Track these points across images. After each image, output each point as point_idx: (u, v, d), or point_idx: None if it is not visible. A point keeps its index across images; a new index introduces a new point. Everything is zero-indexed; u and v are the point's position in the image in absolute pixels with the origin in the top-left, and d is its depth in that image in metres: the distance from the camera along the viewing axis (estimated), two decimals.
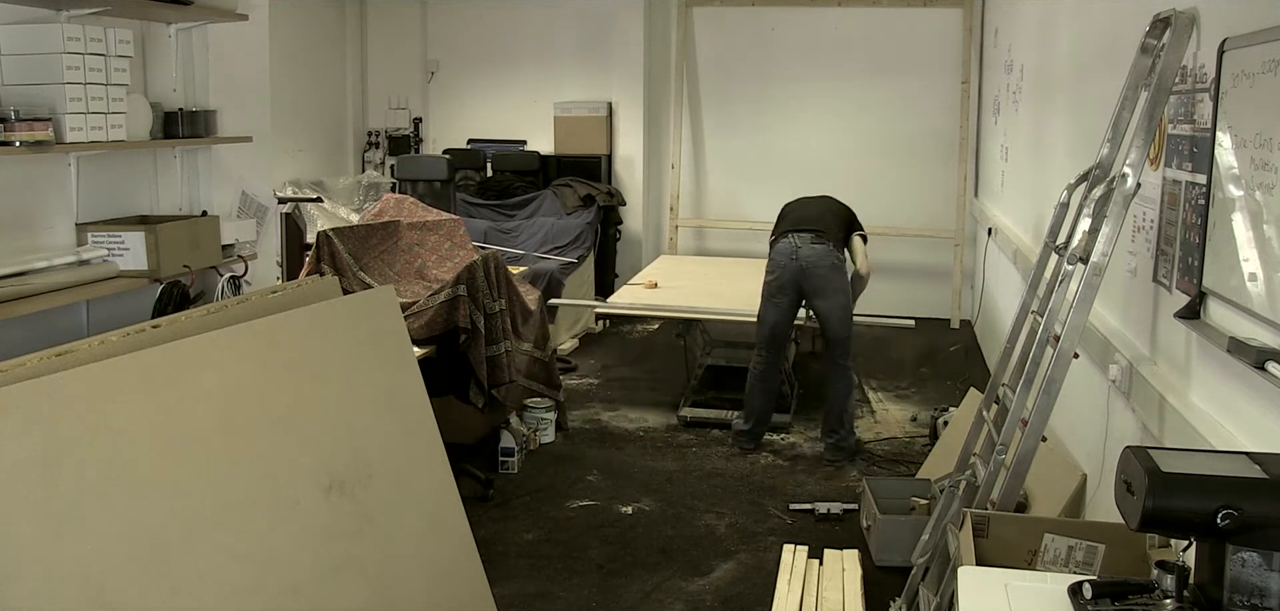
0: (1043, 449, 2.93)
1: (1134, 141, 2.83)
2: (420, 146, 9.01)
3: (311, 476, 2.60)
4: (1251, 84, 2.29)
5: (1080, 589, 1.81)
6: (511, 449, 4.87)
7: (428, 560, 2.88)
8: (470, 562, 3.01)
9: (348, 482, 2.67)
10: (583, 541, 4.18)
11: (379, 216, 5.07)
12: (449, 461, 3.08)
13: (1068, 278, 2.92)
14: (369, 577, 2.67)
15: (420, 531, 2.87)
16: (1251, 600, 1.62)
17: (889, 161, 8.37)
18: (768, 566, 3.93)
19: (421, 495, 2.92)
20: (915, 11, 8.24)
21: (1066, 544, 2.50)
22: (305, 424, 2.64)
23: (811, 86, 8.50)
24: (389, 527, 2.76)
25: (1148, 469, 1.65)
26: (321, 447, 2.65)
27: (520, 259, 6.90)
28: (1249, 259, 2.29)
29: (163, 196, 4.90)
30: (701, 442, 5.36)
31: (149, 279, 4.38)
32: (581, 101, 8.49)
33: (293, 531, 2.52)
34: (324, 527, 2.60)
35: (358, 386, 2.82)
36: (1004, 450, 2.90)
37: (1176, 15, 2.78)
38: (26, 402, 2.09)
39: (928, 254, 8.37)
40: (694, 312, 5.91)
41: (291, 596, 2.47)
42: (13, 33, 4.03)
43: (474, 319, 4.31)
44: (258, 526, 2.46)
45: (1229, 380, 2.40)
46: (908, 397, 6.24)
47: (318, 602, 2.53)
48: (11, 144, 3.83)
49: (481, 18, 8.77)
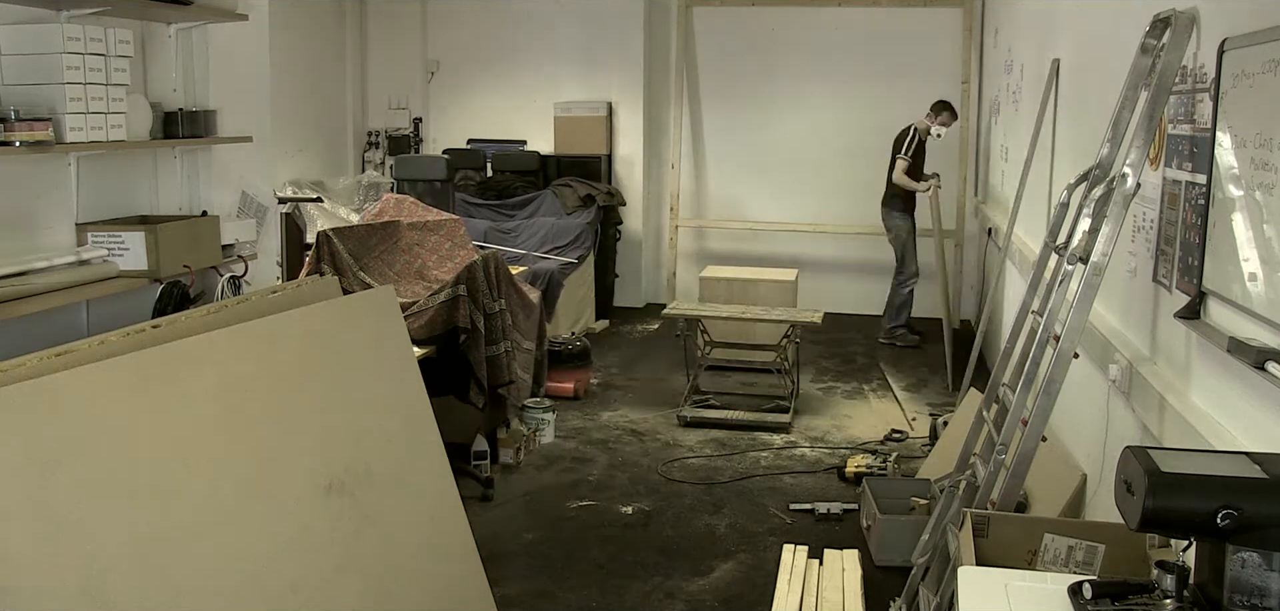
0: (1043, 449, 2.93)
1: (1134, 141, 2.83)
2: (420, 146, 9.01)
3: (311, 476, 2.60)
4: (1251, 84, 2.29)
5: (1080, 589, 1.81)
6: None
7: (427, 560, 2.87)
8: (470, 562, 3.01)
9: (347, 483, 2.67)
10: (583, 541, 4.18)
11: (379, 216, 5.07)
12: (449, 461, 3.08)
13: (1068, 277, 2.92)
14: (369, 577, 2.67)
15: (420, 531, 2.87)
16: (1251, 600, 1.62)
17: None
18: (768, 566, 3.93)
19: (421, 495, 2.92)
20: (915, 11, 8.24)
21: (1066, 544, 2.50)
22: (305, 424, 2.64)
23: (811, 86, 8.50)
24: (389, 527, 2.76)
25: (1147, 469, 1.65)
26: (321, 448, 2.65)
27: (520, 259, 6.90)
28: (1249, 259, 2.29)
29: (163, 196, 4.91)
30: (702, 442, 5.36)
31: (149, 279, 4.39)
32: (581, 101, 8.49)
33: (292, 531, 2.52)
34: (324, 527, 2.59)
35: (357, 386, 2.82)
36: (1004, 450, 2.90)
37: (1176, 15, 2.78)
38: (26, 403, 2.09)
39: (927, 254, 8.34)
40: (694, 312, 5.92)
41: (291, 594, 2.47)
42: (13, 33, 4.03)
43: (474, 319, 4.31)
44: (258, 526, 2.46)
45: (1229, 380, 2.40)
46: (910, 398, 6.24)
47: (317, 601, 2.53)
48: (11, 144, 3.83)
49: (481, 18, 8.77)
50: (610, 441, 5.37)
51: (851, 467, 4.86)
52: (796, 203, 8.55)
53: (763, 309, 6.00)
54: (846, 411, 5.95)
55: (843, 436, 5.48)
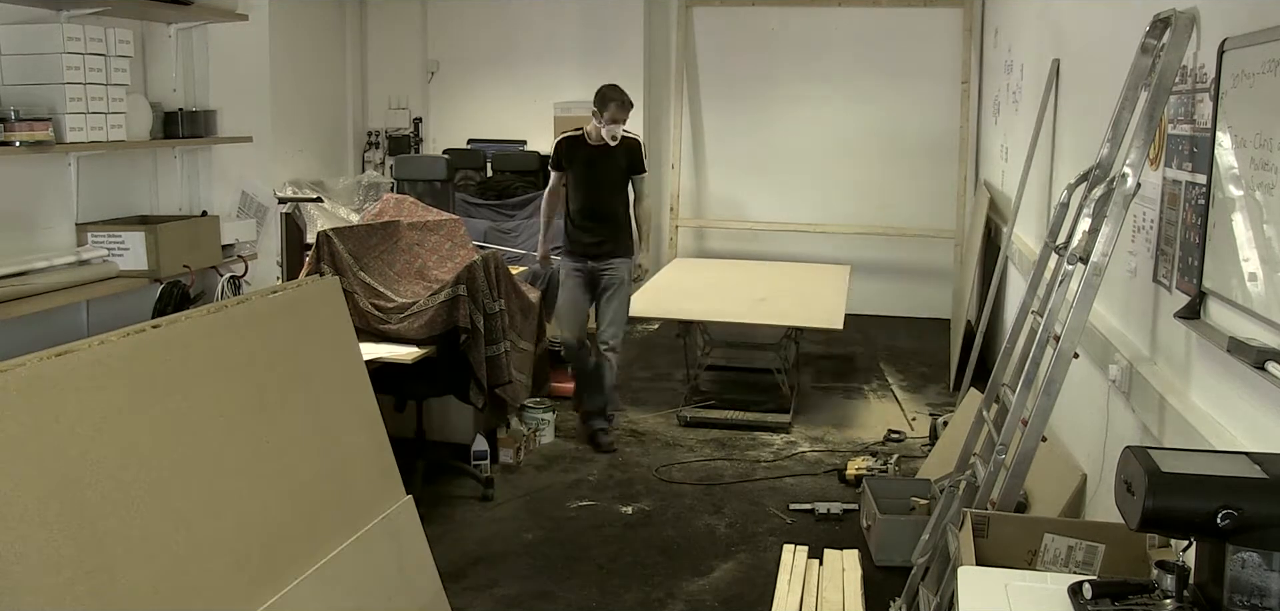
0: (1043, 449, 2.93)
1: (1134, 141, 2.83)
2: (420, 146, 9.01)
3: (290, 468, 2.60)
4: (1251, 84, 2.29)
5: (1080, 589, 1.81)
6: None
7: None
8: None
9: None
10: (583, 541, 4.18)
11: (379, 216, 5.07)
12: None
13: (1068, 277, 2.92)
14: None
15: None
16: (1251, 600, 1.62)
17: (889, 161, 8.37)
18: (768, 566, 3.93)
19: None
20: (915, 11, 8.24)
21: (1066, 544, 2.50)
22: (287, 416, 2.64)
23: (811, 86, 8.50)
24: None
25: (1147, 469, 1.65)
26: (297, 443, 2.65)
27: (520, 259, 6.89)
28: (1249, 259, 2.29)
29: (163, 196, 4.90)
30: (701, 442, 5.36)
31: (149, 279, 4.38)
32: (581, 101, 8.46)
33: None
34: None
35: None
36: (1004, 450, 2.90)
37: (1176, 15, 2.78)
38: (26, 402, 2.09)
39: (928, 254, 8.37)
40: (694, 313, 5.91)
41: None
42: (13, 33, 4.03)
43: (474, 319, 4.31)
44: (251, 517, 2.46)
45: (1229, 380, 2.40)
46: (910, 397, 6.24)
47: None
48: (11, 144, 3.82)
49: (481, 18, 8.77)
50: (610, 441, 5.36)
51: (852, 470, 4.86)
52: (796, 202, 8.55)
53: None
54: (847, 411, 5.95)
55: (843, 437, 5.48)
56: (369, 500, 2.94)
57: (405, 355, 4.18)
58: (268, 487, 2.57)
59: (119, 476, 2.19)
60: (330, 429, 2.87)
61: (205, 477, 2.40)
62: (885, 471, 4.86)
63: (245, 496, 2.49)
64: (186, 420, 2.40)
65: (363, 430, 3.02)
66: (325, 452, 2.82)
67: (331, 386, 2.93)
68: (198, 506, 2.36)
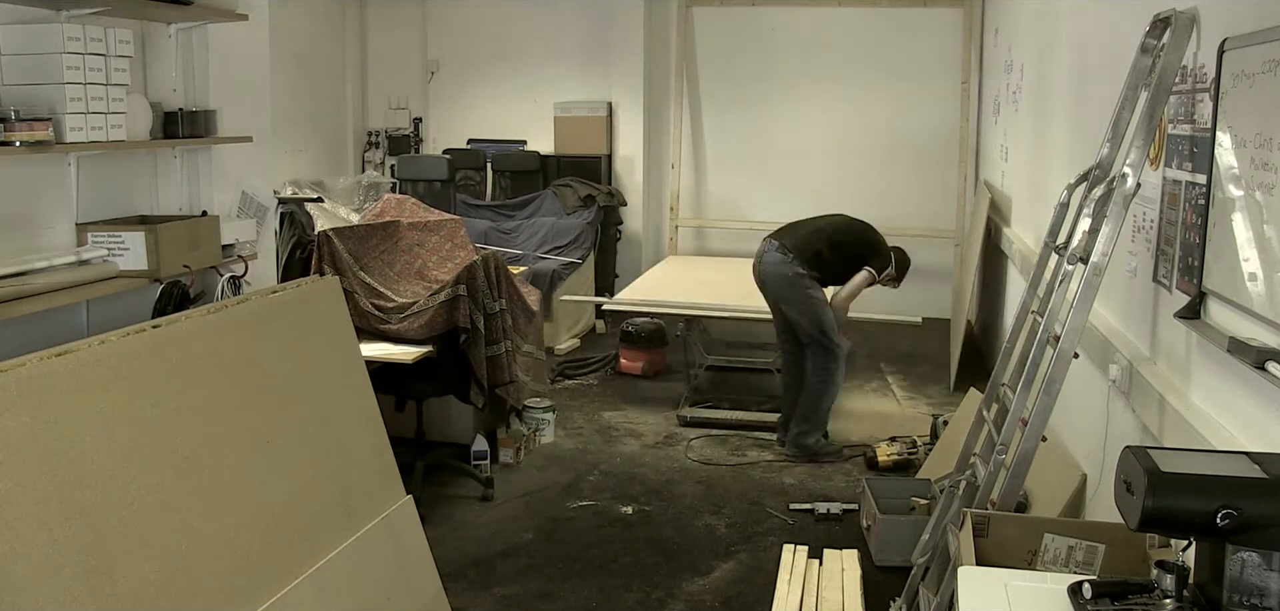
0: (1043, 449, 2.93)
1: (1134, 141, 2.83)
2: (420, 146, 9.01)
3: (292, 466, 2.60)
4: (1251, 84, 2.29)
5: (1080, 589, 1.81)
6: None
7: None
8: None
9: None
10: (582, 541, 4.18)
11: (379, 216, 5.07)
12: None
13: (1068, 277, 2.92)
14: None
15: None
16: (1251, 600, 1.62)
17: (889, 161, 8.38)
18: (768, 566, 3.93)
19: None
20: (915, 11, 8.24)
21: (1066, 544, 2.49)
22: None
23: (812, 86, 8.50)
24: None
25: (1147, 469, 1.65)
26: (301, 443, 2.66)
27: (520, 259, 6.90)
28: (1249, 259, 2.28)
29: (163, 196, 4.90)
30: (702, 442, 5.36)
31: (149, 279, 4.38)
32: (581, 101, 8.49)
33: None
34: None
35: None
36: (1004, 450, 2.90)
37: (1176, 15, 2.78)
38: (26, 402, 2.09)
39: (928, 254, 8.35)
40: (695, 311, 5.91)
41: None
42: (13, 33, 4.02)
43: (474, 319, 4.31)
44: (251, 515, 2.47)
45: (1229, 380, 2.40)
46: (912, 397, 6.24)
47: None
48: (11, 144, 3.82)
49: (481, 18, 8.77)
50: (610, 441, 5.37)
51: (883, 457, 4.95)
52: (796, 202, 8.51)
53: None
54: (847, 411, 5.94)
55: (843, 437, 5.47)
56: (369, 500, 2.94)
57: (405, 355, 4.18)
58: (268, 487, 2.58)
59: (119, 476, 2.20)
60: (330, 429, 2.88)
61: (205, 478, 2.41)
62: (914, 452, 4.97)
63: (245, 496, 2.49)
64: (186, 420, 2.41)
65: (363, 430, 3.02)
66: (325, 452, 2.82)
67: (332, 386, 2.93)
68: (198, 506, 2.36)
